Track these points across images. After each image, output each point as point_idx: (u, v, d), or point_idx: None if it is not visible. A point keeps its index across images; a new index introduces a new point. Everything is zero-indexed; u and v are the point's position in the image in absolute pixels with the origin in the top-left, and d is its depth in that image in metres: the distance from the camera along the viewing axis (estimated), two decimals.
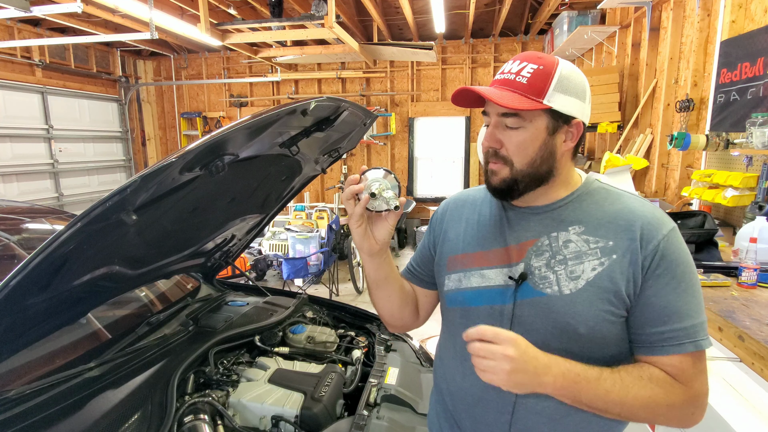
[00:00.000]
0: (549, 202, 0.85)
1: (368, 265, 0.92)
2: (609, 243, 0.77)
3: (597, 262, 0.77)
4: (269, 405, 1.33)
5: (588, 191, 0.85)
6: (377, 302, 0.99)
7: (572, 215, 0.82)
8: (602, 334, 0.77)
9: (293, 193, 1.98)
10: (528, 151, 0.80)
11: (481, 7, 5.55)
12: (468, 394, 0.88)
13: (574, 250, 0.79)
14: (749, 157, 2.41)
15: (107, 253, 1.24)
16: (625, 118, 4.16)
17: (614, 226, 0.78)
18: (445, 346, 0.97)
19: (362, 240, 0.87)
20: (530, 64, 0.80)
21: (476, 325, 0.80)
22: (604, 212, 0.81)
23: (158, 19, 4.07)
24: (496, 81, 0.82)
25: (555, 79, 0.78)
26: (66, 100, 6.39)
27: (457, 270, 0.90)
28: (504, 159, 0.82)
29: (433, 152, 7.32)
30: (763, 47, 2.29)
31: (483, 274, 0.86)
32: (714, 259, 2.04)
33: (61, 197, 6.26)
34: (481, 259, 0.87)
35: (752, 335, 1.38)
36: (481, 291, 0.86)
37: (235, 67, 7.53)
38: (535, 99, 0.77)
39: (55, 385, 1.19)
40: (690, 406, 0.75)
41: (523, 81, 0.78)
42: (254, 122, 1.14)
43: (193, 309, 1.81)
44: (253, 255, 4.98)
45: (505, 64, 0.84)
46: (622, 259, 0.76)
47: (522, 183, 0.82)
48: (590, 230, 0.80)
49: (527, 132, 0.79)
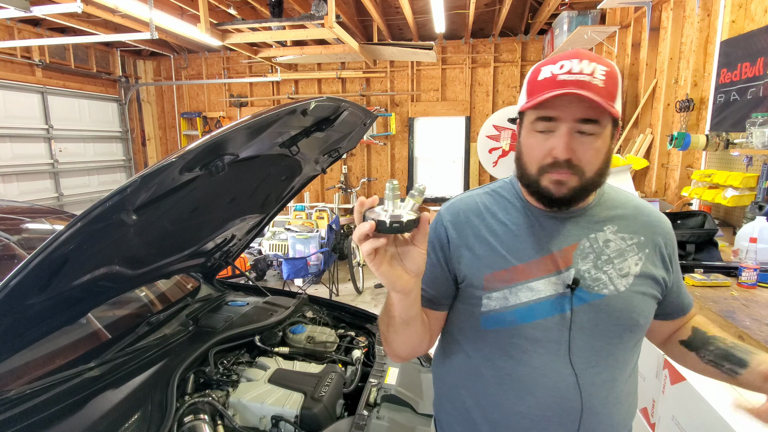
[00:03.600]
0: (584, 205, 0.84)
1: (400, 304, 0.74)
2: (641, 239, 0.85)
3: (637, 257, 0.83)
4: (269, 405, 1.33)
5: (602, 191, 0.88)
6: (402, 341, 0.82)
7: (601, 214, 0.86)
8: (651, 319, 0.86)
9: (293, 193, 1.98)
10: (600, 159, 0.77)
11: (481, 7, 5.55)
12: (525, 418, 0.81)
13: (616, 249, 0.83)
14: (749, 157, 2.41)
15: (107, 253, 1.24)
16: (625, 118, 4.16)
17: (639, 223, 0.86)
18: (474, 371, 0.86)
19: (395, 280, 0.67)
20: (599, 65, 0.74)
21: (530, 344, 0.81)
22: (625, 210, 0.88)
23: (158, 19, 4.06)
24: (569, 82, 0.72)
25: (620, 83, 0.76)
26: (66, 100, 6.39)
27: (499, 288, 0.81)
28: (575, 168, 0.75)
29: (433, 152, 7.31)
30: (763, 47, 2.29)
31: (531, 287, 0.80)
32: (714, 259, 2.05)
33: (61, 197, 6.26)
34: (526, 272, 0.81)
35: (752, 335, 1.38)
36: (532, 306, 0.80)
37: (235, 67, 7.52)
38: (611, 104, 0.73)
39: (55, 385, 1.19)
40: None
41: (599, 84, 0.72)
42: (254, 122, 1.14)
43: (193, 309, 1.81)
44: (253, 255, 4.98)
45: (566, 62, 0.74)
46: (652, 251, 0.85)
47: (587, 191, 0.79)
48: (622, 228, 0.85)
49: (600, 139, 0.75)
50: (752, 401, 0.80)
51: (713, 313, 1.58)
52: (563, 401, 0.79)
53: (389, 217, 0.61)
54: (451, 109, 6.95)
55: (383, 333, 0.84)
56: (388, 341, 0.83)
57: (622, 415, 0.84)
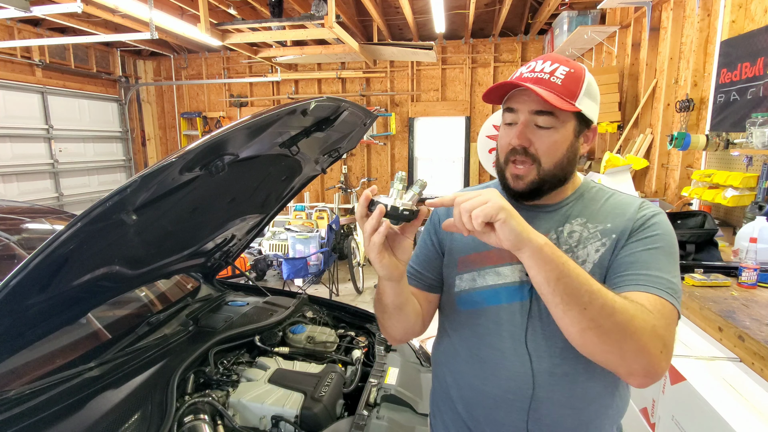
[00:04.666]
0: (559, 200, 0.88)
1: (390, 291, 0.82)
2: (607, 225, 0.82)
3: (599, 243, 0.81)
4: (269, 405, 1.33)
5: (587, 189, 0.90)
6: (395, 325, 0.89)
7: (575, 211, 0.86)
8: None
9: (293, 193, 1.98)
10: (558, 152, 0.81)
11: (481, 7, 5.55)
12: (489, 397, 0.86)
13: (577, 238, 0.83)
14: (749, 157, 2.41)
15: (107, 253, 1.24)
16: (625, 118, 4.16)
17: (612, 213, 0.84)
18: (453, 351, 0.93)
19: (389, 269, 0.75)
20: (562, 65, 0.80)
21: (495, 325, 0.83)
22: (602, 205, 0.86)
23: (158, 19, 4.07)
24: (527, 78, 0.80)
25: (585, 83, 0.81)
26: (66, 100, 6.39)
27: (470, 269, 0.89)
28: (533, 158, 0.81)
29: (433, 152, 7.31)
30: (763, 47, 2.29)
31: (498, 272, 0.86)
32: (714, 259, 2.05)
33: (61, 197, 6.26)
34: (495, 257, 0.86)
35: (752, 335, 1.38)
36: (497, 289, 0.85)
37: (235, 67, 7.53)
38: (569, 101, 0.79)
39: (55, 385, 1.19)
40: (659, 341, 0.68)
41: (557, 82, 0.79)
42: (254, 122, 1.14)
43: (193, 309, 1.81)
44: (253, 255, 4.98)
45: (533, 63, 0.83)
46: (621, 237, 0.80)
47: (548, 184, 0.83)
48: (591, 219, 0.84)
49: (558, 133, 0.80)
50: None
51: (713, 313, 1.58)
52: (521, 385, 0.82)
53: (401, 204, 0.70)
54: (451, 109, 6.95)
55: (379, 319, 0.91)
56: (384, 326, 0.91)
57: (591, 415, 0.83)
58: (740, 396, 1.30)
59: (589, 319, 0.67)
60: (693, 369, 1.47)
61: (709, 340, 1.61)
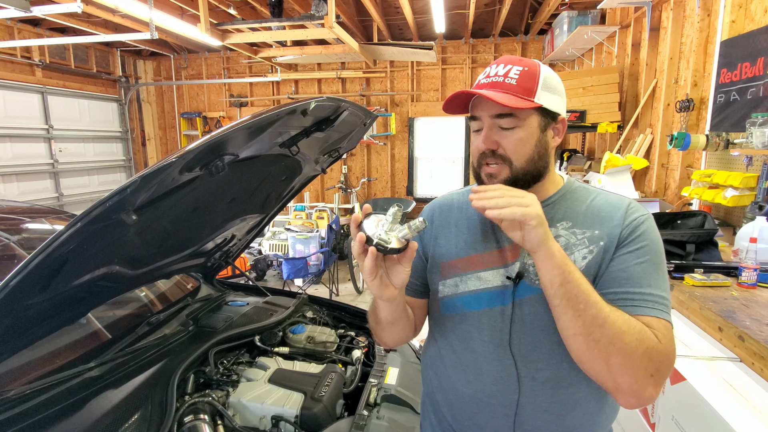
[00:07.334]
0: (541, 200, 0.85)
1: (385, 309, 0.85)
2: (595, 232, 0.82)
3: (586, 250, 0.81)
4: (269, 405, 1.33)
5: (571, 189, 0.90)
6: (387, 335, 0.93)
7: (559, 213, 0.86)
8: None
9: (293, 193, 1.98)
10: (526, 149, 0.82)
11: (481, 7, 5.55)
12: (472, 401, 0.86)
13: (564, 244, 0.81)
14: (749, 157, 2.41)
15: (107, 253, 1.24)
16: (625, 118, 4.16)
17: (599, 218, 0.83)
18: (439, 355, 0.93)
19: (381, 290, 0.78)
20: (515, 66, 0.82)
21: (477, 330, 0.83)
22: (588, 207, 0.85)
23: (158, 19, 4.07)
24: (483, 84, 0.83)
25: (541, 78, 0.82)
26: (66, 100, 6.39)
27: (453, 275, 0.90)
28: (502, 158, 0.82)
29: (433, 152, 7.32)
30: (763, 47, 2.29)
31: (480, 277, 0.86)
32: (714, 259, 2.04)
33: (61, 197, 6.26)
34: (477, 263, 0.87)
35: (752, 335, 1.38)
36: (479, 294, 0.86)
37: (235, 67, 7.52)
38: (527, 98, 0.80)
39: (55, 385, 1.19)
40: (651, 364, 0.70)
41: (512, 82, 0.81)
42: (254, 122, 1.14)
43: (193, 309, 1.81)
44: (253, 255, 4.98)
45: (488, 68, 0.86)
46: (609, 244, 0.80)
47: (522, 181, 0.83)
48: (577, 224, 0.84)
49: (523, 131, 0.82)
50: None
51: (713, 313, 1.58)
52: (505, 390, 0.83)
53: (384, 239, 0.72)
54: None
55: (372, 327, 0.95)
56: (377, 334, 0.95)
57: (575, 421, 0.82)
58: (740, 396, 1.30)
59: (580, 325, 0.71)
60: (693, 369, 1.47)
61: (709, 340, 1.61)
